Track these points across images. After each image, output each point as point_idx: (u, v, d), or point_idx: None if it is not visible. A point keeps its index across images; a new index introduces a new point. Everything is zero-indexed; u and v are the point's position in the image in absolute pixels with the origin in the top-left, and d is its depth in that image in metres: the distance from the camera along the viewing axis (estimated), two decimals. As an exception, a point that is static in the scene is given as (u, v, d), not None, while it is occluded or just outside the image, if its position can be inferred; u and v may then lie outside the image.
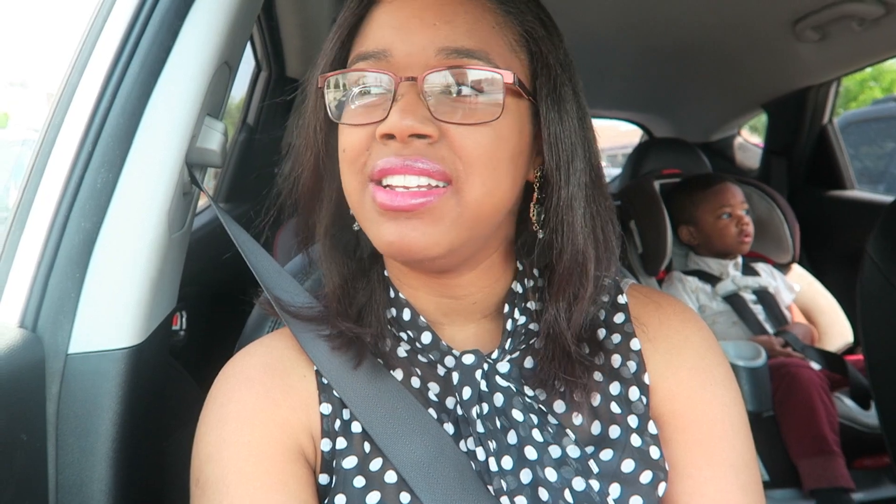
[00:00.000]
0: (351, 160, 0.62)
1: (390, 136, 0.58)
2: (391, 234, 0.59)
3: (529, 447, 0.63)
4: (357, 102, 0.62)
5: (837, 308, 2.28)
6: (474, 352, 0.66)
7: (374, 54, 0.61)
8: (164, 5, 0.76)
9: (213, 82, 0.81)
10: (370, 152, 0.60)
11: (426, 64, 0.59)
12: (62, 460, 0.72)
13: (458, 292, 0.69)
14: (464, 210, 0.59)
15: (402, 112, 0.58)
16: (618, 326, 0.72)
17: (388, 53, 0.60)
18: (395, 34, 0.61)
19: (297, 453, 0.64)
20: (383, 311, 0.70)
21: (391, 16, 0.62)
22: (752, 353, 1.88)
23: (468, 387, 0.64)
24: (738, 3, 1.84)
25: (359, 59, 0.62)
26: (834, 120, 2.62)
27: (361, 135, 0.61)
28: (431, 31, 0.60)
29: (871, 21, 1.80)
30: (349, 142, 0.62)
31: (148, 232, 0.76)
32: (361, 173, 0.61)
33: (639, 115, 3.59)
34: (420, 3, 0.61)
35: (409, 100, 0.58)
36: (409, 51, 0.60)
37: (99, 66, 0.76)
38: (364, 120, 0.61)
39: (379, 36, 0.62)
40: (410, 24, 0.60)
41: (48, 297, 0.73)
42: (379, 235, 0.60)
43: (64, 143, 0.75)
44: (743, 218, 2.25)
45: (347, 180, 0.63)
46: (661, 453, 0.65)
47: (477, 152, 0.59)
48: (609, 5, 1.89)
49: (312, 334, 0.69)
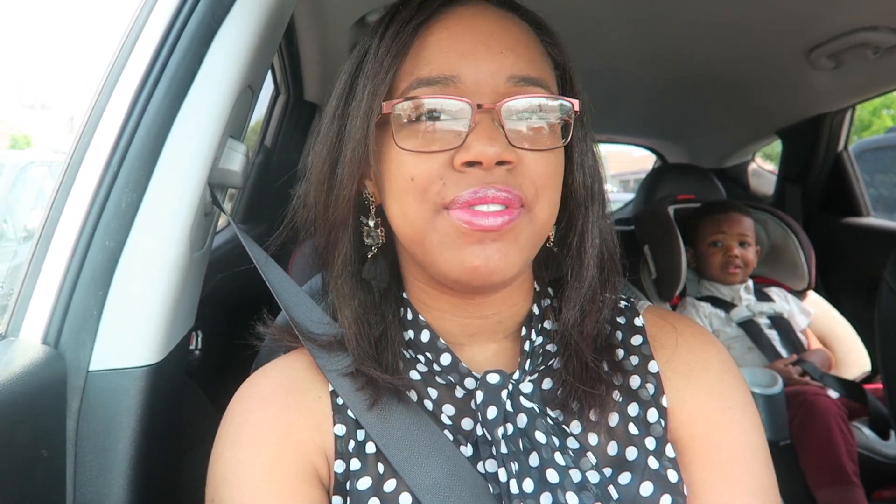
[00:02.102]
0: (422, 189, 0.60)
1: (473, 164, 0.59)
2: (476, 257, 0.59)
3: (551, 470, 0.62)
4: (425, 130, 0.61)
5: (854, 336, 2.25)
6: (499, 371, 0.66)
7: (440, 80, 0.61)
8: (191, 31, 0.78)
9: (237, 105, 0.83)
10: (444, 181, 0.60)
11: (495, 91, 0.61)
12: (80, 477, 0.72)
13: (486, 311, 0.69)
14: (535, 230, 0.62)
15: (489, 139, 0.58)
16: (635, 348, 0.72)
17: (458, 80, 0.60)
18: (462, 60, 0.61)
19: (312, 475, 0.64)
20: (399, 345, 0.69)
21: (455, 41, 0.62)
22: (769, 381, 1.86)
23: (494, 406, 0.64)
24: (753, 33, 1.85)
25: (421, 84, 0.61)
26: (849, 147, 2.61)
27: (434, 163, 0.60)
28: (500, 59, 0.61)
29: (886, 49, 1.80)
30: (420, 170, 0.60)
31: (170, 251, 0.77)
32: (433, 202, 0.60)
33: (653, 141, 3.59)
34: (482, 28, 0.62)
35: (487, 127, 0.59)
36: (478, 78, 0.61)
37: (126, 89, 0.78)
38: (438, 147, 0.60)
39: (444, 62, 0.61)
40: (478, 51, 0.61)
41: (71, 315, 0.74)
42: (460, 261, 0.60)
43: (90, 164, 0.77)
44: (732, 249, 2.22)
45: (412, 209, 0.61)
46: (680, 477, 0.65)
47: (547, 176, 0.62)
48: (626, 36, 1.91)
49: (328, 355, 0.69)
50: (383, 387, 0.66)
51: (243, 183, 0.91)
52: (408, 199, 0.62)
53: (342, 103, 0.67)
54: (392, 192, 0.63)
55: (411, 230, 0.63)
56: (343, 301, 0.69)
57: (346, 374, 0.67)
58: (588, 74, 0.68)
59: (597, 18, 1.77)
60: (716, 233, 2.26)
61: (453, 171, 0.60)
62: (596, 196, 0.69)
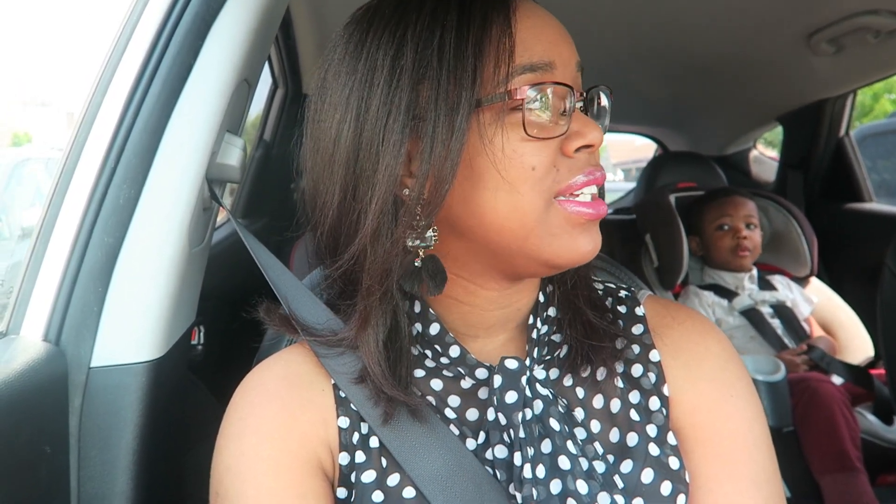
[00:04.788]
0: (541, 177, 0.60)
1: (585, 147, 0.62)
2: (587, 244, 0.62)
3: (563, 457, 0.62)
4: (543, 117, 0.60)
5: (857, 322, 2.25)
6: (516, 358, 0.65)
7: (541, 66, 0.60)
8: (186, 25, 0.78)
9: (233, 99, 0.82)
10: (558, 168, 0.61)
11: (574, 78, 0.64)
12: (84, 473, 0.73)
13: (513, 299, 0.69)
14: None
15: (594, 123, 0.62)
16: (636, 337, 0.72)
17: (553, 66, 0.61)
18: (552, 48, 0.62)
19: (316, 467, 0.64)
20: (409, 348, 0.67)
21: (544, 29, 0.62)
22: (771, 368, 1.86)
23: (513, 391, 0.64)
24: (753, 19, 1.84)
25: (525, 70, 0.60)
26: (850, 132, 2.60)
27: (549, 149, 0.60)
28: (571, 48, 0.64)
29: (887, 33, 1.79)
30: (539, 159, 0.59)
31: (169, 247, 0.77)
32: (549, 190, 0.60)
33: (653, 130, 3.58)
34: (551, 19, 0.65)
35: (580, 112, 0.63)
36: (565, 65, 0.63)
37: (122, 84, 0.78)
38: (553, 133, 0.60)
39: (541, 49, 0.61)
40: (563, 40, 0.64)
41: (71, 312, 0.74)
42: (575, 247, 0.62)
43: (87, 160, 0.77)
44: (741, 231, 2.21)
45: (528, 200, 0.59)
46: (681, 464, 0.65)
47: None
48: (626, 24, 1.90)
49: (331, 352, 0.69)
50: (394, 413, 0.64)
51: (241, 177, 0.91)
52: (524, 189, 0.59)
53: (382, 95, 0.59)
54: (499, 184, 0.59)
55: (519, 223, 0.60)
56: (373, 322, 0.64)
57: (356, 382, 0.66)
58: (588, 63, 0.68)
59: (597, 7, 1.76)
60: (722, 216, 2.25)
61: (563, 157, 0.61)
62: None
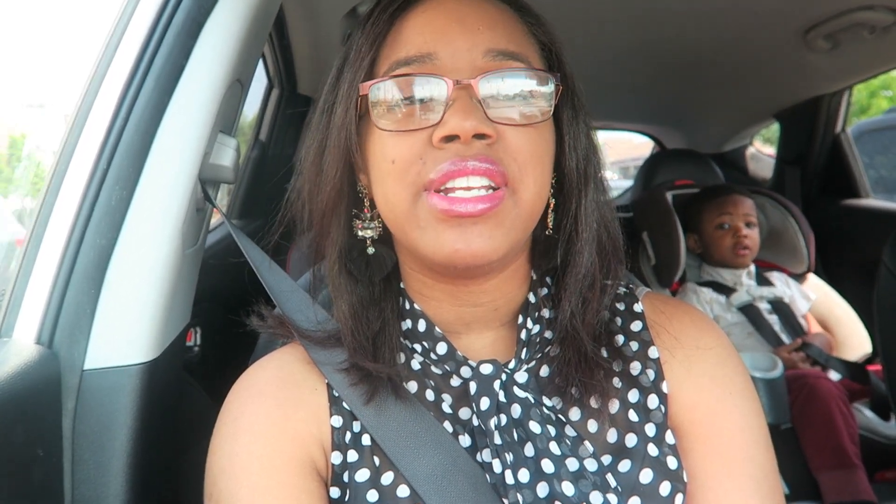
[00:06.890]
0: (402, 171, 0.60)
1: (451, 139, 0.58)
2: (456, 241, 0.59)
3: (546, 460, 0.62)
4: (403, 110, 0.61)
5: (855, 318, 2.25)
6: (492, 361, 0.66)
7: (416, 59, 0.61)
8: (178, 25, 0.78)
9: (226, 99, 0.82)
10: (424, 160, 0.60)
11: (473, 66, 0.61)
12: (78, 475, 0.72)
13: (482, 299, 0.69)
14: (521, 211, 0.61)
15: (465, 113, 0.58)
16: (635, 334, 0.72)
17: (434, 57, 0.60)
18: (437, 38, 0.61)
19: (310, 467, 0.64)
20: (397, 339, 0.69)
21: (430, 21, 0.62)
22: (769, 365, 1.86)
23: (486, 397, 0.64)
24: (749, 15, 1.84)
25: (398, 65, 0.61)
26: (847, 129, 2.60)
27: (413, 142, 0.60)
28: (475, 35, 0.61)
29: (882, 29, 1.79)
30: (399, 152, 0.60)
31: (162, 248, 0.77)
32: (414, 184, 0.60)
33: (651, 127, 3.58)
34: (457, 10, 0.62)
35: (465, 102, 0.59)
36: (454, 54, 0.61)
37: (113, 85, 0.78)
38: (417, 126, 0.60)
39: (420, 41, 0.61)
40: (452, 29, 0.61)
41: (64, 314, 0.74)
42: (440, 244, 0.60)
43: (79, 162, 0.76)
44: (741, 230, 2.21)
45: (394, 192, 0.61)
46: (679, 464, 0.65)
47: (529, 152, 0.61)
48: (622, 21, 1.89)
49: (323, 350, 0.69)
50: (379, 381, 0.66)
51: (235, 178, 0.91)
52: (389, 183, 0.62)
53: (331, 95, 0.67)
54: (375, 177, 0.64)
55: (393, 215, 0.63)
56: (340, 295, 0.69)
57: (341, 369, 0.67)
58: (584, 61, 0.68)
59: (592, 4, 1.76)
60: (722, 214, 2.25)
61: (433, 149, 0.60)
62: (590, 179, 0.68)
